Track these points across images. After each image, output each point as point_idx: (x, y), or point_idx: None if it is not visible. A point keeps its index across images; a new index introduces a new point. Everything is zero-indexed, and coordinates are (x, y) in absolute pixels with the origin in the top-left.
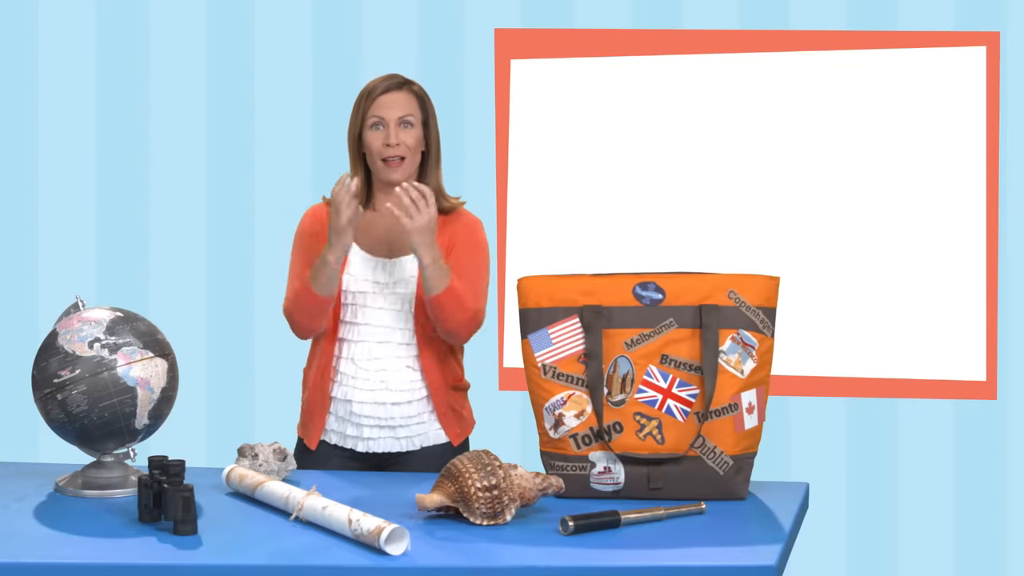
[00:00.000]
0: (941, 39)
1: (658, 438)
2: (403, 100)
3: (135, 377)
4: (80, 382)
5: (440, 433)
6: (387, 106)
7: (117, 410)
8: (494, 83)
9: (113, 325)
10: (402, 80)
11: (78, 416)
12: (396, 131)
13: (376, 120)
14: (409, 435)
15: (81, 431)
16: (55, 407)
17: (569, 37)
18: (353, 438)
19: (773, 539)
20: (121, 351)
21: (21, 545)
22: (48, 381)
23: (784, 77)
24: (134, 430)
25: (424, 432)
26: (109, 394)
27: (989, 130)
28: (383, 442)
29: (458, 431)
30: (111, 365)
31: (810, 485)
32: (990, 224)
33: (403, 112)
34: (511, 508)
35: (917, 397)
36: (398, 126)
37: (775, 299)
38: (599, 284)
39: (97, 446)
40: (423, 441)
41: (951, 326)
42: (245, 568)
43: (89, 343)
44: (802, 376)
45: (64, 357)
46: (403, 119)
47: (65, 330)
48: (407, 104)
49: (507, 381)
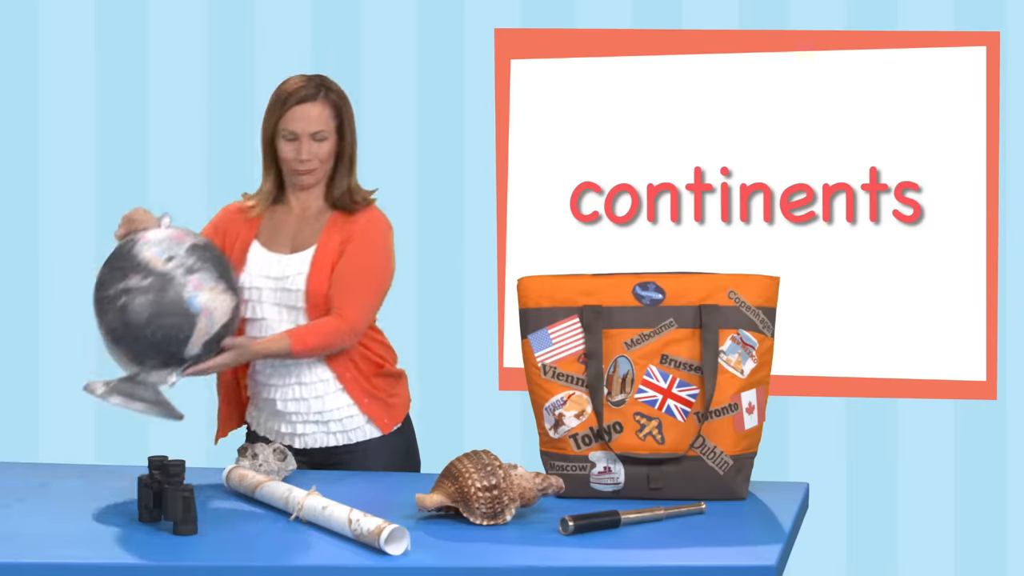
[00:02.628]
0: (941, 39)
1: (658, 438)
2: (316, 114)
3: (200, 304)
4: (146, 292)
5: (372, 427)
6: (300, 119)
7: (172, 333)
8: (494, 83)
9: (194, 248)
10: (317, 87)
11: (133, 327)
12: (308, 145)
13: (288, 133)
14: (342, 429)
15: (131, 343)
16: (113, 313)
17: (569, 37)
18: (289, 434)
19: (773, 539)
20: (196, 275)
21: (21, 545)
22: (113, 283)
23: (784, 77)
24: (182, 357)
25: (357, 426)
26: (171, 313)
27: (989, 130)
28: (318, 437)
29: (386, 420)
30: (181, 285)
31: (810, 485)
32: (990, 224)
33: (316, 128)
34: (511, 508)
35: (917, 397)
36: (311, 140)
37: (775, 299)
38: (599, 284)
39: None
40: (359, 435)
41: (951, 326)
42: (245, 568)
43: (166, 258)
44: (802, 376)
45: (137, 264)
46: (316, 134)
47: (145, 241)
48: (320, 118)
49: (507, 381)
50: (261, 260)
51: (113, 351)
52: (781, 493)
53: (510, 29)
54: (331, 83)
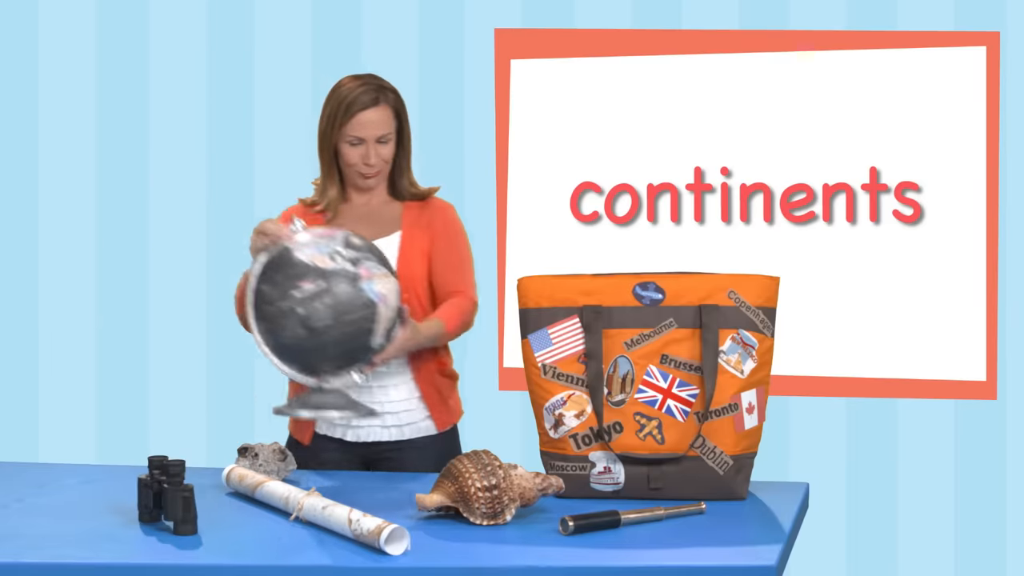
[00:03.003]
0: (941, 39)
1: (658, 438)
2: (379, 118)
3: (377, 292)
4: (323, 295)
5: (429, 423)
6: (365, 125)
7: (360, 325)
8: (494, 83)
9: (346, 240)
10: (377, 92)
11: (320, 331)
12: (375, 149)
13: (354, 139)
14: (398, 423)
15: (319, 348)
16: (293, 323)
17: (569, 37)
18: (342, 426)
19: (773, 539)
20: (363, 264)
21: (21, 545)
22: (284, 295)
23: (784, 77)
24: (370, 348)
25: (413, 421)
26: (355, 307)
27: (989, 130)
28: (372, 430)
29: (445, 418)
30: (355, 278)
31: (810, 485)
32: (990, 224)
33: (381, 132)
34: (511, 508)
35: (917, 397)
36: (376, 143)
37: (775, 299)
38: (599, 284)
39: (322, 367)
40: (412, 432)
41: (951, 326)
42: (245, 568)
43: (330, 255)
44: (802, 376)
45: (303, 270)
46: (381, 138)
47: (299, 246)
48: (383, 122)
49: (507, 381)
50: None
51: (291, 363)
52: (781, 493)
53: (510, 29)
54: (386, 83)
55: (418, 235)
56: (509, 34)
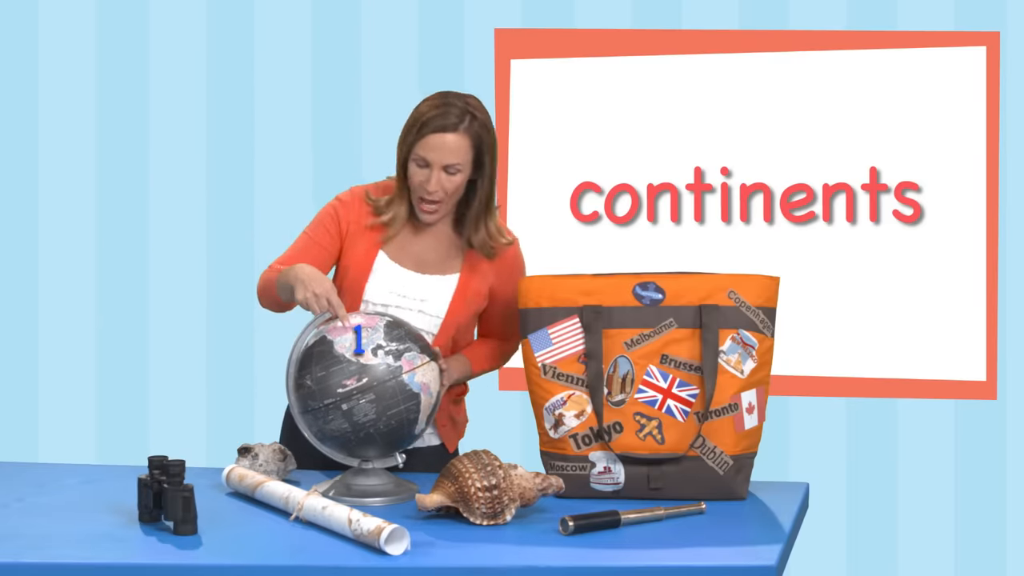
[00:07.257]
0: (941, 39)
1: (658, 438)
2: (454, 145)
3: (419, 383)
4: (368, 391)
5: (434, 437)
6: (435, 148)
7: (403, 417)
8: (494, 83)
9: (390, 330)
10: (460, 115)
11: (364, 425)
12: (439, 176)
13: (421, 160)
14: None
15: (364, 440)
16: (338, 418)
17: (569, 37)
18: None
19: (773, 539)
20: (404, 357)
21: (21, 545)
22: (331, 391)
23: (784, 77)
24: (413, 436)
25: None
26: (397, 401)
27: (989, 130)
28: None
29: (453, 436)
30: (397, 372)
31: (810, 485)
32: (990, 224)
33: (451, 160)
34: (511, 508)
35: (917, 397)
36: (441, 171)
37: (775, 299)
38: (599, 284)
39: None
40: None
41: (951, 326)
42: (245, 568)
43: (372, 350)
44: (802, 376)
45: (347, 365)
46: (449, 167)
47: (340, 337)
48: (458, 151)
49: (507, 381)
50: (390, 273)
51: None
52: (781, 493)
53: (510, 29)
54: (477, 109)
55: (477, 280)
56: (509, 34)
